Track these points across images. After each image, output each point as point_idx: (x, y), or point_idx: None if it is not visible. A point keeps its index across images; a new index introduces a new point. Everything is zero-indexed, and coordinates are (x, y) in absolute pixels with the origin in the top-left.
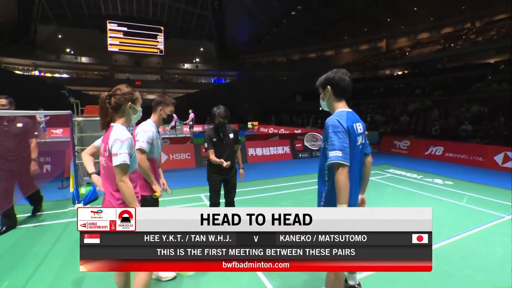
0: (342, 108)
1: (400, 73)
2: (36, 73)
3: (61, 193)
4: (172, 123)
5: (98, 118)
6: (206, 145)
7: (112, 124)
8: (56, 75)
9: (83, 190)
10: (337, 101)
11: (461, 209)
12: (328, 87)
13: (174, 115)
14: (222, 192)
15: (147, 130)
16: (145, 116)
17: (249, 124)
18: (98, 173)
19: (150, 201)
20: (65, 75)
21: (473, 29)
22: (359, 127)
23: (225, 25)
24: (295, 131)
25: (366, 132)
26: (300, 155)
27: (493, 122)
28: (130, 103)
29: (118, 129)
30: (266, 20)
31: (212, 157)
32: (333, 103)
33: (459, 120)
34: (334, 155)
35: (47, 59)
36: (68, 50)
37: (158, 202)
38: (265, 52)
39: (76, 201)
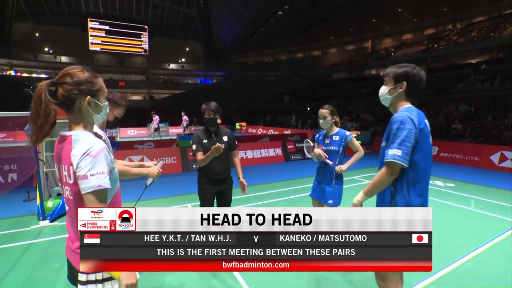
0: (409, 105)
1: None
2: (12, 73)
3: (26, 207)
4: (155, 125)
5: (61, 120)
6: (194, 147)
7: (65, 133)
8: (34, 75)
9: (50, 204)
10: (405, 101)
11: (472, 216)
12: (404, 82)
13: (157, 116)
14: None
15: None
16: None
17: (237, 125)
18: None
19: None
20: (43, 75)
21: (454, 30)
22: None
23: (212, 24)
24: (285, 132)
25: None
26: (292, 157)
27: (481, 120)
28: (89, 97)
29: (82, 138)
30: (253, 19)
31: (200, 156)
32: (399, 102)
33: (449, 119)
34: (392, 153)
35: (23, 58)
36: (46, 49)
37: None
38: (252, 52)
39: (41, 218)
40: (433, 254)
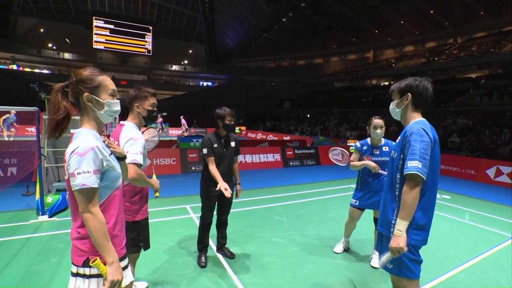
0: (420, 118)
1: (386, 83)
2: (14, 67)
3: (25, 201)
4: (185, 127)
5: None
6: (205, 150)
7: (72, 131)
8: (36, 70)
9: (49, 199)
10: (414, 112)
11: (466, 228)
12: (409, 94)
13: (184, 120)
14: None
15: (137, 137)
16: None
17: (237, 129)
18: None
19: (143, 224)
20: (46, 71)
21: (455, 45)
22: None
23: (216, 28)
24: (284, 138)
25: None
26: (291, 163)
27: (479, 135)
28: (87, 94)
29: (78, 137)
30: (257, 25)
31: (213, 168)
32: (409, 113)
33: (447, 131)
34: (414, 165)
35: (27, 53)
36: (50, 45)
37: (148, 224)
38: (255, 57)
39: (40, 212)
40: (426, 264)
